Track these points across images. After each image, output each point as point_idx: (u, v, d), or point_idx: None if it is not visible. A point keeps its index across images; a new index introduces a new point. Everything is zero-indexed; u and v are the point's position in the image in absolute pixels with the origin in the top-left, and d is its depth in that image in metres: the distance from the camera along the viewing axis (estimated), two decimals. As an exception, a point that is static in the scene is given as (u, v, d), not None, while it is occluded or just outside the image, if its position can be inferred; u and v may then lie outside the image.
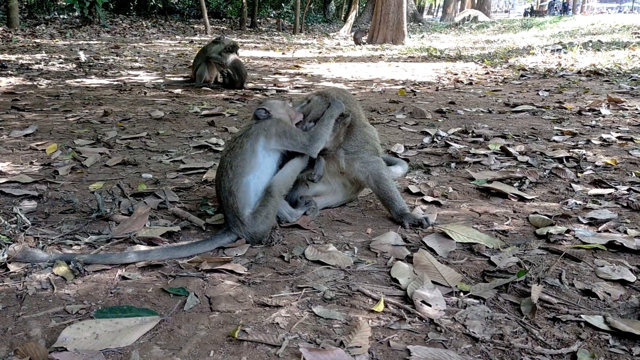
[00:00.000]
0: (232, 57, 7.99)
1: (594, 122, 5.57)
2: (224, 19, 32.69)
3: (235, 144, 2.67)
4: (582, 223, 2.90)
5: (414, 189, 3.46)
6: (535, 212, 3.05)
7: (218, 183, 2.67)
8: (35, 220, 2.81)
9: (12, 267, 2.26)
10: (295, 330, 1.88)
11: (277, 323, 1.92)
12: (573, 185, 3.53)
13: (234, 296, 2.11)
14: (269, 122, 2.72)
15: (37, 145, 4.41)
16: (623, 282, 2.24)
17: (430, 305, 2.04)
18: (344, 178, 3.09)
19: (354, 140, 2.98)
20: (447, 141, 4.75)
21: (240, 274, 2.29)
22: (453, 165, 4.04)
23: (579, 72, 9.92)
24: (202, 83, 8.16)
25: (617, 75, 9.43)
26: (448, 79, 9.73)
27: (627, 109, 6.28)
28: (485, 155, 4.27)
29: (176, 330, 1.88)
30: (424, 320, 1.96)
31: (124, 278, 2.23)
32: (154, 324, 1.89)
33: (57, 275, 2.22)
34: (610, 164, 3.98)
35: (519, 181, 3.60)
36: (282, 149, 2.73)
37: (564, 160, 4.12)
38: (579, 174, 3.77)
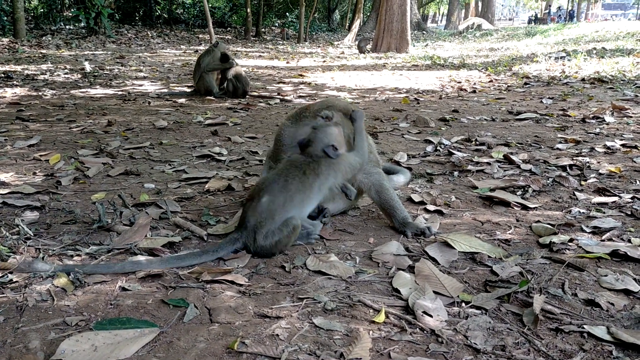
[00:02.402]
0: (231, 65, 8.05)
1: (598, 130, 5.55)
2: (228, 28, 32.87)
3: (304, 178, 2.57)
4: (586, 232, 2.88)
5: (416, 197, 3.45)
6: (538, 221, 3.03)
7: (260, 195, 2.54)
8: (37, 231, 2.81)
9: (14, 278, 2.25)
10: (295, 341, 1.87)
11: (277, 334, 1.91)
12: (577, 193, 3.51)
13: (234, 307, 2.10)
14: (340, 163, 2.66)
15: (40, 155, 4.43)
16: (627, 292, 2.22)
17: (431, 316, 2.02)
18: None
19: None
20: (450, 150, 4.74)
21: (240, 285, 2.28)
22: (456, 173, 4.02)
23: (583, 80, 9.90)
24: (218, 92, 8.20)
25: (622, 82, 9.40)
26: (452, 87, 9.73)
27: (631, 117, 6.25)
28: (489, 163, 4.26)
29: (175, 342, 1.87)
30: (425, 331, 1.94)
31: (124, 289, 2.23)
32: (153, 336, 1.88)
33: (57, 286, 2.21)
34: (615, 172, 3.96)
35: (522, 190, 3.58)
36: (346, 179, 2.78)
37: (568, 168, 4.09)
38: (583, 182, 3.74)
